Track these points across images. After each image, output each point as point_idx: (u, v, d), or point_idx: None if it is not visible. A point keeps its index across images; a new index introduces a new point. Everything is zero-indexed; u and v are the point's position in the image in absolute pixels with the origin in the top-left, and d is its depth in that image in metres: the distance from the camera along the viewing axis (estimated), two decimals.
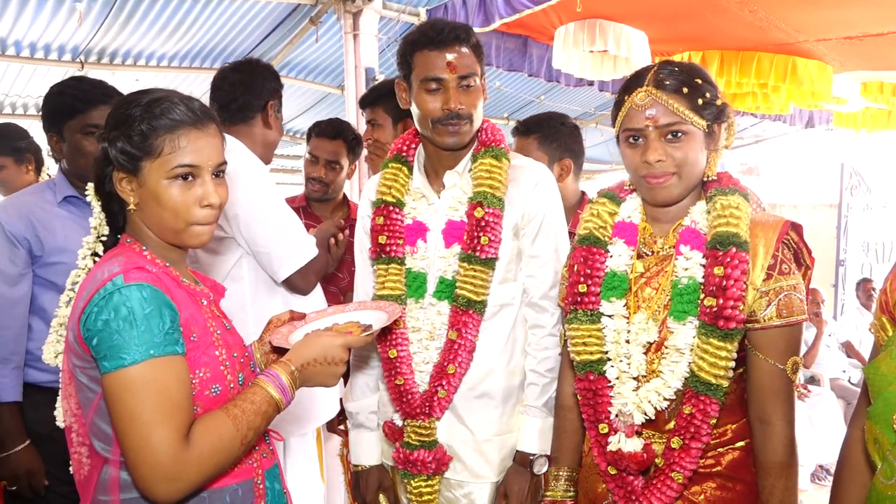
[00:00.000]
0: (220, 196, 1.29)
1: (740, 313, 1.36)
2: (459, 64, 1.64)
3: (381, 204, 1.79)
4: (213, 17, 4.28)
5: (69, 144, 2.06)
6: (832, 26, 4.18)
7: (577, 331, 1.52)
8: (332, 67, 5.24)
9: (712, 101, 1.41)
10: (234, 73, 2.18)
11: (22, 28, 4.03)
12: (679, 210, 1.50)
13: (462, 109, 1.65)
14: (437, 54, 1.64)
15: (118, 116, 1.25)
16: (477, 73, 1.68)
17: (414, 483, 1.73)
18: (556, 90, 6.29)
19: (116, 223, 1.32)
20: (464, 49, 1.65)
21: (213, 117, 1.30)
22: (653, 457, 1.44)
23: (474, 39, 1.69)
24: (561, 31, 4.21)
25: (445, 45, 1.64)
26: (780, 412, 1.40)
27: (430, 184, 1.79)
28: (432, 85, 1.66)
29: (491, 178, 1.69)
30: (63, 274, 2.00)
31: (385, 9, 4.22)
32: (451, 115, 1.65)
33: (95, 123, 2.02)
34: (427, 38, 1.66)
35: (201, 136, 1.25)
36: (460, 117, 1.66)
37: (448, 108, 1.65)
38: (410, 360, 1.75)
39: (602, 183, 9.94)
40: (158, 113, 1.23)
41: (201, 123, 1.26)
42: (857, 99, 5.41)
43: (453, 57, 1.63)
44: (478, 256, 1.67)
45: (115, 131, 1.24)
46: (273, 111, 2.21)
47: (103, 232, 1.35)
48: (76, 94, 2.04)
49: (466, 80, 1.66)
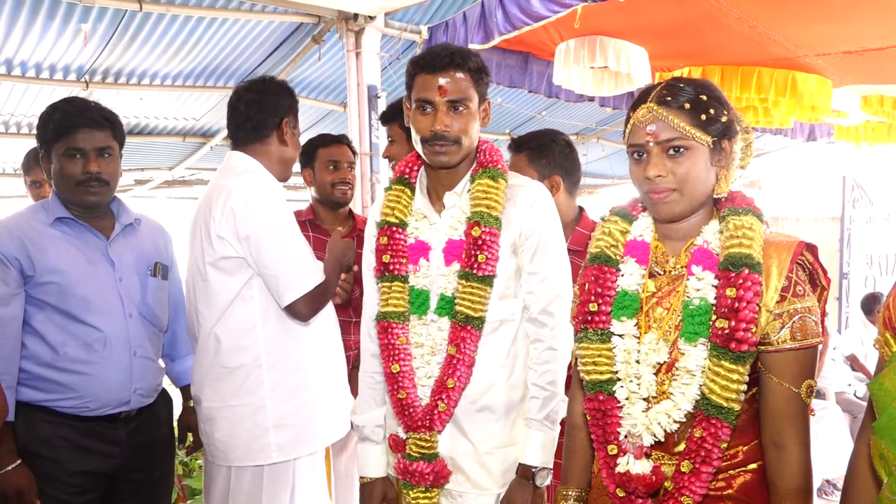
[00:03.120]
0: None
1: (752, 336, 1.34)
2: (450, 88, 1.71)
3: (384, 224, 1.85)
4: (216, 36, 4.32)
5: (54, 166, 2.07)
6: (831, 41, 4.21)
7: (586, 350, 1.51)
8: (335, 85, 5.28)
9: (717, 117, 1.40)
10: (248, 93, 2.20)
11: (28, 48, 4.07)
12: (691, 228, 1.48)
13: (448, 132, 1.71)
14: (430, 78, 1.72)
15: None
16: (469, 97, 1.73)
17: (412, 494, 1.77)
18: (557, 106, 6.32)
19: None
20: (458, 74, 1.71)
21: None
22: (662, 479, 1.42)
23: (473, 65, 1.74)
24: (561, 48, 4.24)
25: (439, 69, 1.71)
26: (794, 436, 1.37)
27: (431, 204, 1.85)
28: (424, 106, 1.73)
29: (487, 199, 1.75)
30: (55, 293, 2.02)
31: (387, 27, 4.25)
32: (436, 136, 1.72)
33: (79, 147, 2.03)
34: (425, 62, 1.74)
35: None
36: (445, 139, 1.72)
37: (434, 129, 1.71)
38: (413, 375, 1.79)
39: (604, 198, 9.97)
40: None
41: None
42: (858, 113, 5.43)
43: (445, 81, 1.70)
44: (475, 274, 1.72)
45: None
46: (289, 128, 2.22)
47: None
48: (61, 118, 2.06)
49: (457, 105, 1.72)
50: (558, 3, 3.43)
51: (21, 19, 3.75)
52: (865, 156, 7.01)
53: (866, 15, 3.73)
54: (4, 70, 4.27)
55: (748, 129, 1.50)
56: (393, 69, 4.48)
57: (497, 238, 1.74)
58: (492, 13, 3.76)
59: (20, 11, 3.68)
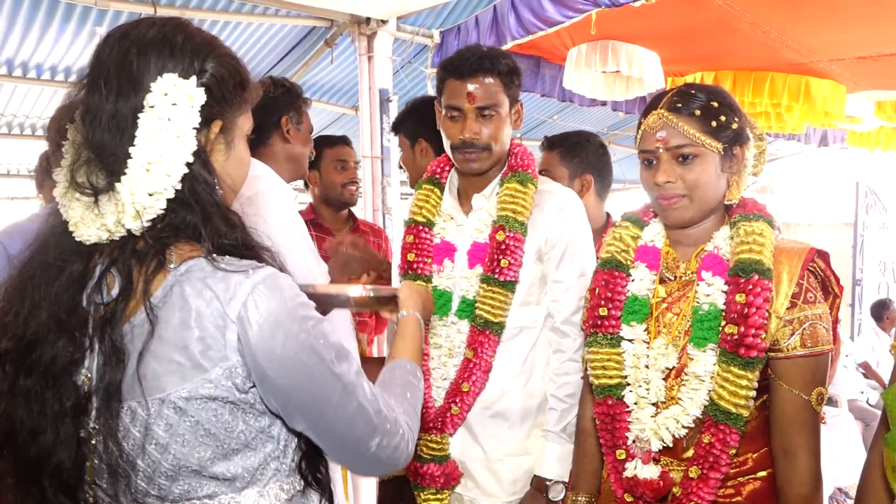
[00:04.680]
0: None
1: (762, 342, 1.34)
2: (479, 95, 1.69)
3: (411, 223, 1.86)
4: (229, 39, 4.34)
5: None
6: (845, 46, 4.18)
7: (596, 354, 1.52)
8: (347, 88, 5.29)
9: (728, 124, 1.41)
10: None
11: (43, 52, 4.11)
12: (702, 234, 1.49)
13: (477, 139, 1.71)
14: (459, 84, 1.71)
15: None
16: (498, 103, 1.71)
17: (423, 495, 1.77)
18: (569, 110, 6.31)
19: None
20: (487, 79, 1.70)
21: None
22: (669, 484, 1.42)
23: (504, 68, 1.72)
24: (573, 52, 4.23)
25: (468, 75, 1.70)
26: (804, 444, 1.37)
27: (459, 206, 1.85)
28: (453, 113, 1.73)
29: (514, 203, 1.73)
30: None
31: (399, 31, 4.26)
32: (465, 144, 1.71)
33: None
34: (454, 66, 1.73)
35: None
36: (475, 146, 1.71)
37: (462, 137, 1.71)
38: (428, 376, 1.79)
39: (615, 203, 9.94)
40: None
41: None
42: (872, 118, 5.39)
43: (474, 88, 1.69)
44: (497, 279, 1.71)
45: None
46: (291, 124, 2.19)
47: None
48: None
49: (486, 111, 1.70)
50: (573, 8, 3.43)
51: (37, 22, 3.78)
52: (879, 161, 6.96)
53: (880, 20, 3.71)
54: (20, 72, 4.31)
55: (762, 137, 1.50)
56: (405, 73, 4.49)
57: (521, 243, 1.72)
58: (504, 17, 3.76)
59: (36, 15, 3.71)
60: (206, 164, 1.03)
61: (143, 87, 0.99)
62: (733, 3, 3.54)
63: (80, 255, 1.02)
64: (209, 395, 0.98)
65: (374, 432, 1.08)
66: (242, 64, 1.14)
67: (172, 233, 1.01)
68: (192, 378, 0.96)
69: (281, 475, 1.08)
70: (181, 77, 1.01)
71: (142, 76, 0.99)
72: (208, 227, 1.01)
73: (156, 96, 0.99)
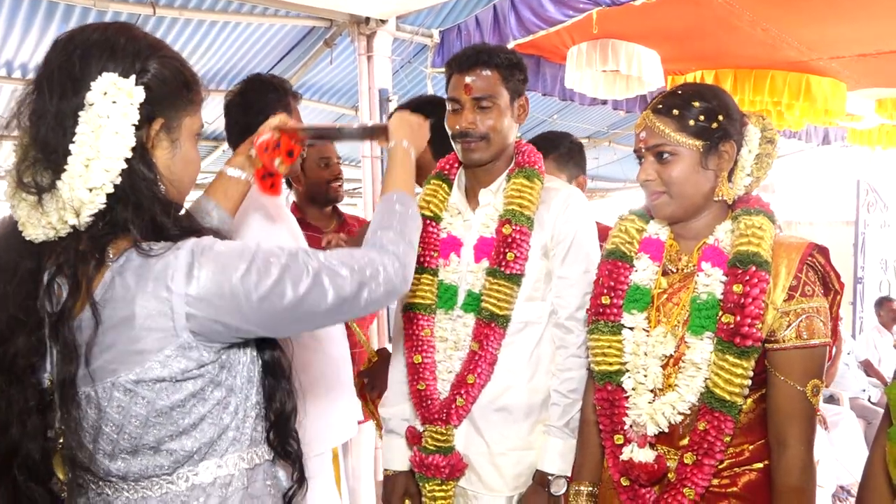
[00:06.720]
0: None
1: (757, 331, 1.36)
2: (475, 86, 1.74)
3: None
4: (228, 40, 4.35)
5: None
6: (845, 44, 4.18)
7: (597, 341, 1.57)
8: (347, 89, 5.30)
9: (707, 122, 1.45)
10: (234, 97, 2.20)
11: (42, 53, 4.10)
12: (703, 228, 1.53)
13: (472, 128, 1.74)
14: (458, 77, 1.77)
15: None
16: (495, 94, 1.75)
17: (429, 486, 1.78)
18: (570, 109, 6.31)
19: None
20: (484, 72, 1.75)
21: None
22: (664, 468, 1.45)
23: (502, 62, 1.76)
24: (574, 51, 4.23)
25: (466, 68, 1.76)
26: (797, 434, 1.39)
27: (466, 201, 1.87)
28: (454, 105, 1.78)
29: (521, 198, 1.76)
30: None
31: (399, 31, 4.26)
32: (462, 133, 1.76)
33: None
34: (455, 61, 1.79)
35: None
36: (471, 135, 1.75)
37: (459, 126, 1.75)
38: (434, 368, 1.82)
39: (615, 201, 9.94)
40: None
41: None
42: (872, 116, 5.39)
43: (471, 80, 1.74)
44: (503, 272, 1.73)
45: None
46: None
47: None
48: None
49: (483, 101, 1.74)
50: (573, 7, 3.43)
51: (36, 24, 3.78)
52: (880, 159, 6.95)
53: (881, 17, 3.71)
54: (19, 74, 4.31)
55: (772, 140, 1.52)
56: (404, 73, 4.49)
57: (527, 237, 1.75)
58: (505, 17, 3.77)
59: (35, 16, 3.72)
60: (145, 161, 1.06)
61: (85, 87, 1.02)
62: (733, 2, 3.55)
63: (32, 254, 1.05)
64: (157, 377, 1.02)
65: (359, 289, 1.13)
66: (188, 66, 1.16)
67: (112, 228, 1.04)
68: (141, 362, 1.01)
69: (241, 445, 1.12)
70: (121, 76, 1.03)
71: (84, 76, 1.03)
72: (144, 218, 1.05)
73: (95, 94, 1.01)
